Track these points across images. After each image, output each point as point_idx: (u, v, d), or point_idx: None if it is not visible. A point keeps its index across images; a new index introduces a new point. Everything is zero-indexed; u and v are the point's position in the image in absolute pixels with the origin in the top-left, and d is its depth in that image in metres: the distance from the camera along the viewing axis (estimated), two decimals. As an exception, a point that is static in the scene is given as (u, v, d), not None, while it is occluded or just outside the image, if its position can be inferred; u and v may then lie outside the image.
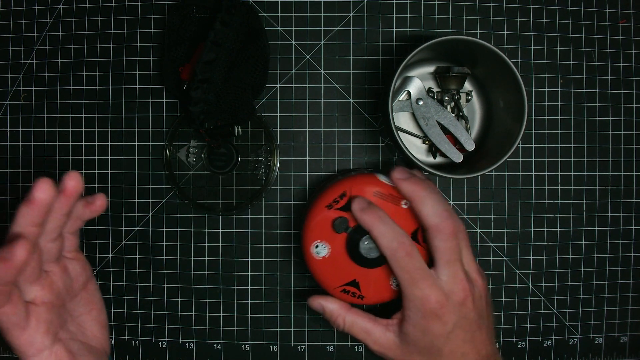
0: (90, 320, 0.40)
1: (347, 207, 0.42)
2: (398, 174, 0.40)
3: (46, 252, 0.35)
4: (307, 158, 0.50)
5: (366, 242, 0.41)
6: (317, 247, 0.42)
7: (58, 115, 0.51)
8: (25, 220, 0.32)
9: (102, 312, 0.41)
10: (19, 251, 0.30)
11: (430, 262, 0.40)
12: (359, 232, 0.41)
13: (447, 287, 0.38)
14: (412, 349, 0.40)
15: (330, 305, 0.43)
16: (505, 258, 0.50)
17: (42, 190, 0.31)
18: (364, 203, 0.40)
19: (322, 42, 0.50)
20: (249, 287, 0.51)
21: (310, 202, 0.44)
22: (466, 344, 0.39)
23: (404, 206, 0.41)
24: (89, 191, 0.51)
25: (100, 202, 0.38)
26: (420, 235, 0.42)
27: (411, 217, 0.42)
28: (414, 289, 0.38)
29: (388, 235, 0.38)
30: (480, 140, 0.48)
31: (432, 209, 0.38)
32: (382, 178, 0.42)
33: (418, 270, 0.38)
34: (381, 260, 0.41)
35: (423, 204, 0.39)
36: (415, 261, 0.38)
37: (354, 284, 0.43)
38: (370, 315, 0.42)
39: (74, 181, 0.33)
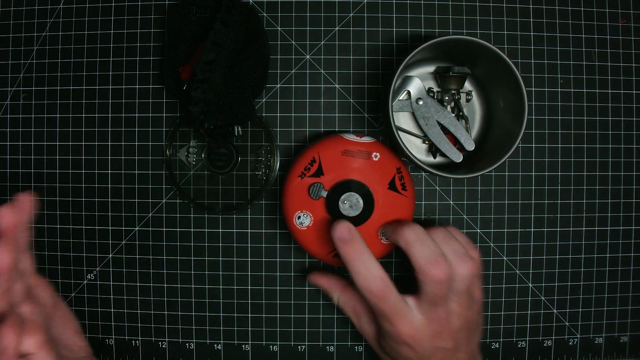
0: (71, 334, 0.40)
1: (319, 173, 0.42)
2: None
3: (16, 296, 0.35)
4: (307, 158, 0.50)
5: (345, 202, 0.41)
6: (299, 218, 0.43)
7: (58, 115, 0.51)
8: None
9: (74, 320, 0.41)
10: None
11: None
12: (336, 192, 0.41)
13: (423, 321, 0.39)
14: (387, 355, 0.42)
15: (325, 285, 0.45)
16: (505, 258, 0.50)
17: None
18: (345, 232, 0.38)
19: (322, 42, 0.50)
20: (249, 287, 0.51)
21: (284, 175, 0.45)
22: (465, 344, 0.40)
23: (375, 159, 0.42)
24: (89, 191, 0.51)
25: (26, 201, 0.36)
26: (398, 182, 0.43)
27: (383, 168, 0.43)
28: (387, 324, 0.39)
29: (362, 274, 0.38)
30: (480, 140, 0.48)
31: (420, 254, 0.38)
32: (349, 136, 0.43)
33: (391, 309, 0.38)
34: (365, 216, 0.42)
35: (412, 248, 0.38)
36: (388, 303, 0.38)
37: None
38: (363, 302, 0.43)
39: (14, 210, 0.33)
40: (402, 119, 0.48)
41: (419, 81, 0.46)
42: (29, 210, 0.36)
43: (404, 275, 0.50)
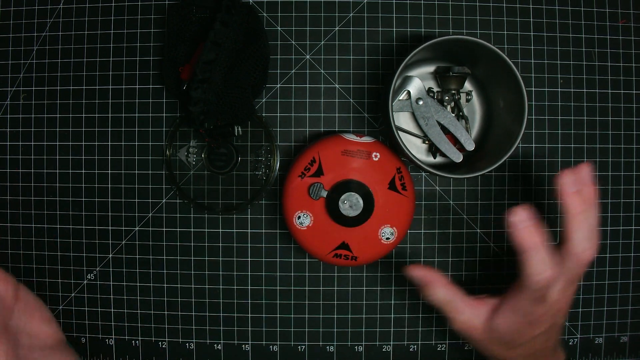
0: (38, 324, 0.40)
1: (319, 173, 0.42)
2: (567, 182, 0.37)
3: None
4: (307, 158, 0.50)
5: (345, 202, 0.41)
6: (299, 218, 0.43)
7: (58, 115, 0.51)
8: None
9: (42, 309, 0.41)
10: None
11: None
12: (336, 192, 0.41)
13: (555, 297, 0.39)
14: (495, 339, 0.41)
15: (431, 281, 0.42)
16: (505, 258, 0.50)
17: None
18: (527, 218, 0.37)
19: (322, 42, 0.50)
20: (249, 287, 0.51)
21: (285, 175, 0.45)
22: (544, 342, 0.41)
23: (375, 159, 0.42)
24: (89, 191, 0.51)
25: None
26: (398, 182, 0.43)
27: (383, 168, 0.43)
28: (530, 305, 0.38)
29: (540, 265, 0.37)
30: (480, 140, 0.48)
31: (582, 237, 0.37)
32: (349, 136, 0.43)
33: (545, 295, 0.38)
34: (364, 216, 0.42)
35: (577, 228, 0.37)
36: (549, 289, 0.38)
37: (344, 246, 0.43)
38: (463, 295, 0.42)
39: None
40: (402, 119, 0.48)
41: (419, 81, 0.46)
42: None
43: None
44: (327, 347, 0.51)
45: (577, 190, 0.37)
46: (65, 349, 0.41)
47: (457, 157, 0.45)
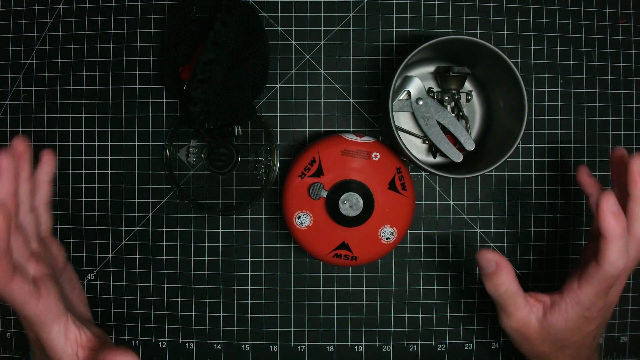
0: (75, 299, 0.42)
1: (319, 173, 0.42)
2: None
3: (27, 227, 0.38)
4: (307, 158, 0.50)
5: (345, 202, 0.41)
6: (299, 217, 0.43)
7: (58, 115, 0.51)
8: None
9: (82, 292, 0.43)
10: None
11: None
12: (336, 192, 0.41)
13: (612, 296, 0.39)
14: (548, 336, 0.40)
15: (504, 269, 0.39)
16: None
17: (4, 156, 0.35)
18: (615, 204, 0.36)
19: (322, 42, 0.50)
20: (249, 287, 0.51)
21: (285, 175, 0.45)
22: (592, 341, 0.41)
23: (375, 159, 0.42)
24: (89, 191, 0.51)
25: (46, 157, 0.41)
26: (398, 182, 0.42)
27: (383, 168, 0.43)
28: (594, 298, 0.38)
29: (620, 253, 0.36)
30: (480, 140, 0.48)
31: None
32: (349, 136, 0.43)
33: (610, 286, 0.38)
34: (364, 216, 0.42)
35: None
36: (616, 281, 0.38)
37: (344, 246, 0.43)
38: (523, 291, 0.40)
39: (20, 144, 0.37)
40: (402, 119, 0.48)
41: (419, 81, 0.46)
42: (51, 162, 0.41)
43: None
44: (327, 347, 0.51)
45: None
46: (96, 329, 0.42)
47: (457, 157, 0.45)
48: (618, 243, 0.36)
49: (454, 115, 0.47)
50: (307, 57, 0.50)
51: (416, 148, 0.49)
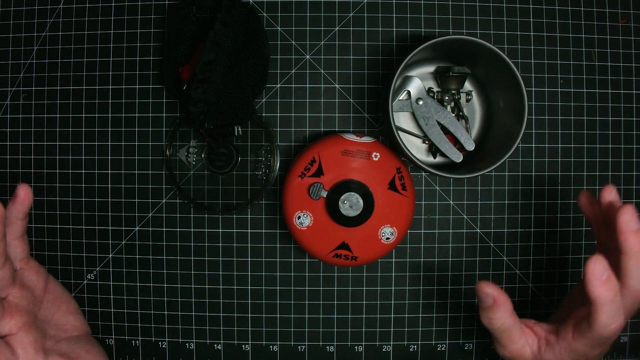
0: (64, 315, 0.41)
1: (319, 173, 0.42)
2: (630, 220, 0.35)
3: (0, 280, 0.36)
4: (307, 158, 0.50)
5: (345, 202, 0.41)
6: (299, 217, 0.43)
7: (58, 115, 0.51)
8: None
9: (70, 301, 0.42)
10: None
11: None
12: (336, 192, 0.41)
13: (612, 339, 0.38)
14: None
15: (502, 305, 0.38)
16: (505, 258, 0.50)
17: None
18: (604, 270, 0.34)
19: (322, 42, 0.50)
20: (249, 287, 0.51)
21: (285, 175, 0.45)
22: None
23: (375, 159, 0.42)
24: (89, 191, 0.51)
25: (22, 192, 0.38)
26: (398, 182, 0.43)
27: (383, 168, 0.43)
28: (589, 349, 0.37)
29: (612, 317, 0.35)
30: (480, 140, 0.48)
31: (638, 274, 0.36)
32: (349, 136, 0.43)
33: (605, 342, 0.37)
34: (365, 216, 0.42)
35: (637, 267, 0.36)
36: (610, 338, 0.37)
37: (344, 246, 0.43)
38: (520, 324, 0.40)
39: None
40: (402, 119, 0.48)
41: (419, 81, 0.46)
42: (26, 201, 0.38)
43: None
44: (327, 347, 0.51)
45: (639, 227, 0.35)
46: (91, 342, 0.42)
47: (457, 157, 0.45)
48: (608, 309, 0.35)
49: (454, 115, 0.47)
50: (307, 57, 0.50)
51: (416, 148, 0.49)
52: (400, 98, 0.46)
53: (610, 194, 0.39)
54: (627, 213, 0.35)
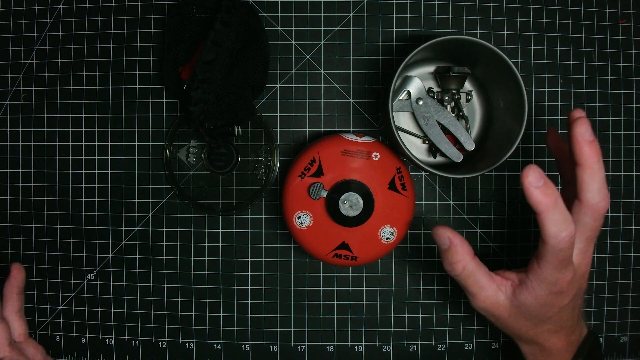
0: None
1: (319, 173, 0.42)
2: (585, 131, 0.35)
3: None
4: (307, 158, 0.50)
5: (345, 202, 0.41)
6: (299, 217, 0.43)
7: (58, 115, 0.51)
8: None
9: None
10: None
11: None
12: (336, 192, 0.41)
13: (577, 260, 0.38)
14: (521, 314, 0.39)
15: (458, 246, 0.38)
16: (505, 258, 0.50)
17: None
18: (539, 177, 0.34)
19: (322, 42, 0.50)
20: (249, 287, 0.51)
21: (285, 175, 0.45)
22: (571, 312, 0.40)
23: (375, 159, 0.42)
24: (89, 191, 0.51)
25: (15, 271, 0.44)
26: (398, 182, 0.42)
27: (383, 168, 0.43)
28: (556, 272, 0.37)
29: (559, 224, 0.35)
30: (480, 140, 0.48)
31: (598, 187, 0.36)
32: (349, 136, 0.43)
33: (569, 258, 0.36)
34: (365, 216, 0.42)
35: (592, 178, 0.36)
36: (572, 250, 0.36)
37: (344, 246, 0.43)
38: (487, 270, 0.40)
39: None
40: (402, 119, 0.48)
41: (419, 81, 0.46)
42: (18, 278, 0.44)
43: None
44: (327, 347, 0.51)
45: (594, 138, 0.35)
46: None
47: (457, 157, 0.45)
48: (552, 216, 0.34)
49: (454, 115, 0.47)
50: (307, 57, 0.50)
51: (416, 148, 0.49)
52: (400, 98, 0.46)
53: (579, 113, 0.38)
54: (582, 125, 0.35)
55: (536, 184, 0.34)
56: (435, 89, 0.48)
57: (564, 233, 0.35)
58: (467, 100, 0.48)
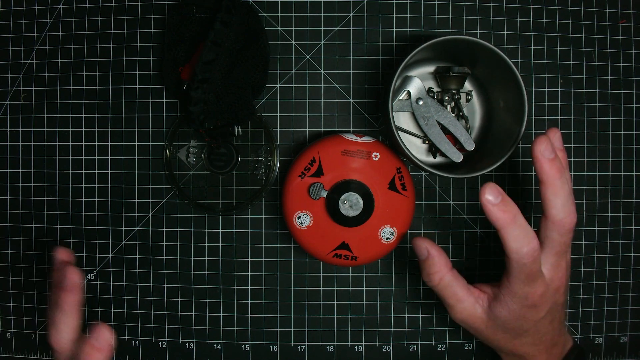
0: None
1: (319, 173, 0.42)
2: (544, 149, 0.36)
3: None
4: (307, 158, 0.50)
5: (345, 202, 0.41)
6: (299, 217, 0.43)
7: (58, 115, 0.51)
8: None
9: None
10: (108, 335, 0.36)
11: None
12: (336, 192, 0.41)
13: (549, 275, 0.38)
14: (498, 327, 0.40)
15: (436, 257, 0.39)
16: (505, 259, 0.50)
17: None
18: (497, 194, 0.35)
19: (322, 42, 0.50)
20: (249, 287, 0.51)
21: (285, 175, 0.45)
22: (550, 325, 0.40)
23: (375, 159, 0.42)
24: (89, 191, 0.51)
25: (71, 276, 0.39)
26: (398, 182, 0.42)
27: (383, 168, 0.43)
28: (525, 287, 0.37)
29: (520, 240, 0.36)
30: (480, 140, 0.48)
31: (562, 203, 0.36)
32: (349, 136, 0.43)
33: (537, 272, 0.37)
34: (365, 216, 0.42)
35: (554, 195, 0.36)
36: (537, 264, 0.37)
37: (344, 246, 0.43)
38: (464, 282, 0.40)
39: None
40: (402, 119, 0.48)
41: (419, 81, 0.46)
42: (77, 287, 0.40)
43: (408, 275, 0.50)
44: (327, 347, 0.51)
45: (554, 156, 0.36)
46: None
47: (457, 157, 0.45)
48: (512, 231, 0.35)
49: (454, 115, 0.47)
50: (307, 57, 0.50)
51: (416, 148, 0.49)
52: (400, 98, 0.46)
53: (554, 135, 0.39)
54: (542, 143, 0.36)
55: (494, 201, 0.35)
56: (435, 89, 0.48)
57: (525, 248, 0.36)
58: (467, 100, 0.48)
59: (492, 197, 0.35)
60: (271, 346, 0.51)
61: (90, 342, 0.35)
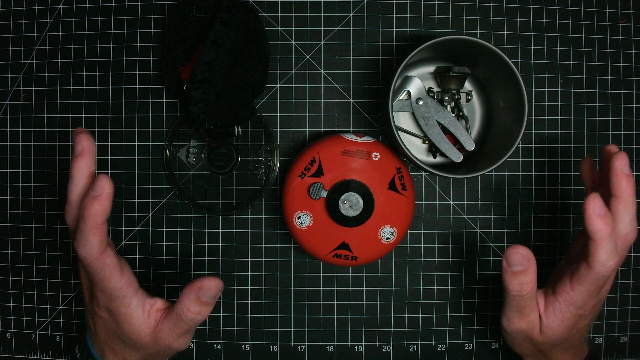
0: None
1: (319, 173, 0.42)
2: (624, 164, 0.37)
3: None
4: (307, 158, 0.50)
5: (345, 202, 0.41)
6: (299, 218, 0.43)
7: (58, 115, 0.51)
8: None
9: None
10: (105, 183, 0.35)
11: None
12: (336, 192, 0.41)
13: (603, 292, 0.39)
14: (546, 337, 0.40)
15: (535, 267, 0.37)
16: (505, 258, 0.50)
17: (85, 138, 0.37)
18: (602, 206, 0.35)
19: (322, 42, 0.50)
20: (249, 287, 0.51)
21: (285, 175, 0.45)
22: (583, 334, 0.41)
23: (375, 159, 0.42)
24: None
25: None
26: (398, 182, 0.43)
27: (383, 168, 0.43)
28: (588, 298, 0.38)
29: (610, 252, 0.36)
30: (480, 140, 0.48)
31: (630, 219, 0.38)
32: (349, 136, 0.43)
33: (603, 285, 0.38)
34: (365, 216, 0.42)
35: (626, 210, 0.37)
36: (611, 278, 0.38)
37: (344, 246, 0.43)
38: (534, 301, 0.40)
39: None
40: (402, 119, 0.48)
41: (419, 81, 0.46)
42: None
43: (409, 275, 0.50)
44: (327, 347, 0.51)
45: (631, 172, 0.37)
46: None
47: (457, 157, 0.45)
48: (607, 245, 0.36)
49: (454, 115, 0.47)
50: (307, 57, 0.50)
51: (416, 148, 0.49)
52: (400, 98, 0.46)
53: (610, 147, 0.40)
54: (621, 159, 0.37)
55: (599, 212, 0.35)
56: (435, 89, 0.48)
57: (611, 262, 0.36)
58: (467, 100, 0.48)
59: (598, 209, 0.35)
60: (271, 346, 0.51)
61: (89, 192, 0.35)
